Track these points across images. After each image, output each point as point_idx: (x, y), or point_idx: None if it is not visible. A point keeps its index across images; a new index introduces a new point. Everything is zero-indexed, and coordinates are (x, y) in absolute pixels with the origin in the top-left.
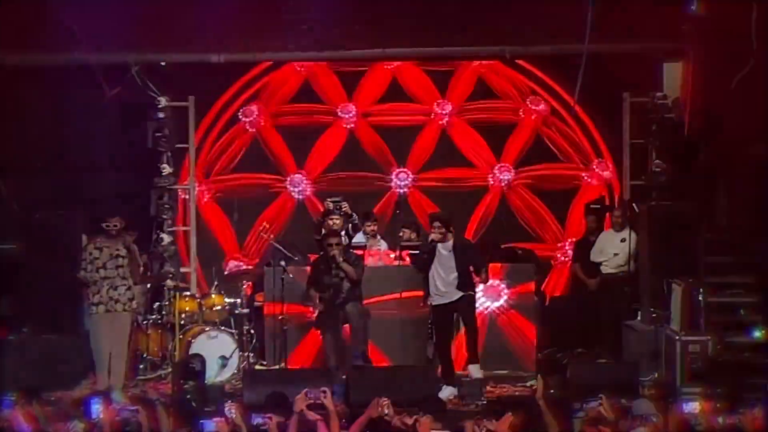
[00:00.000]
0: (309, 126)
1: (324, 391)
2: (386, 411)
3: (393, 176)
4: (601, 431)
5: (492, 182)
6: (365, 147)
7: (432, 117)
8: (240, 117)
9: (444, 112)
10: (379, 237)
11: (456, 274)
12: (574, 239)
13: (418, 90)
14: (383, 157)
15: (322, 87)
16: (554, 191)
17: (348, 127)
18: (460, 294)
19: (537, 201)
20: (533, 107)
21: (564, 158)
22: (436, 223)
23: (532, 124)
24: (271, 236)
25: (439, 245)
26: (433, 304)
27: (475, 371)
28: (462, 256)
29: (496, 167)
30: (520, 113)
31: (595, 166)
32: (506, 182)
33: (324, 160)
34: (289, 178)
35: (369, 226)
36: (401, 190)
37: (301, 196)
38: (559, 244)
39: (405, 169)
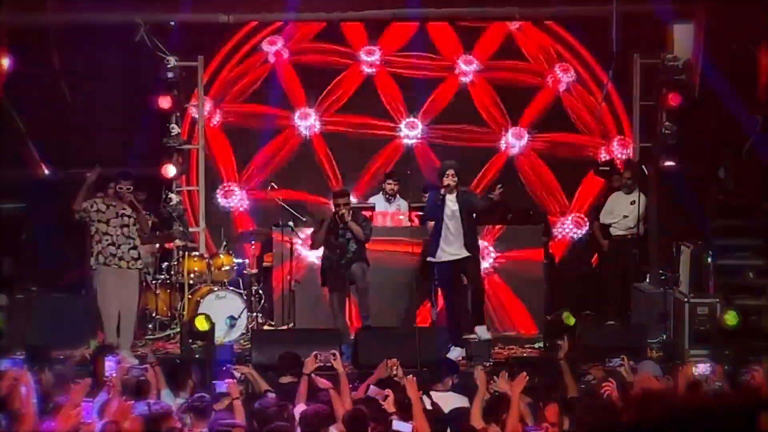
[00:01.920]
0: (327, 67)
1: (333, 354)
2: (395, 372)
3: (402, 125)
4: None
5: (503, 146)
6: (381, 94)
7: (455, 72)
8: (262, 47)
9: (468, 68)
10: (398, 196)
11: (462, 230)
12: (578, 214)
13: (442, 43)
14: (396, 107)
15: (346, 28)
16: (566, 164)
17: (366, 72)
18: (467, 253)
19: (546, 169)
20: (560, 73)
21: (584, 130)
22: (450, 171)
23: (555, 91)
24: (280, 197)
25: (447, 197)
26: (440, 261)
27: (482, 332)
28: (466, 209)
29: (510, 130)
30: (546, 78)
31: (615, 143)
32: (518, 147)
33: (337, 101)
34: (298, 112)
35: (389, 184)
36: (410, 141)
37: (307, 132)
38: (562, 218)
39: (415, 120)
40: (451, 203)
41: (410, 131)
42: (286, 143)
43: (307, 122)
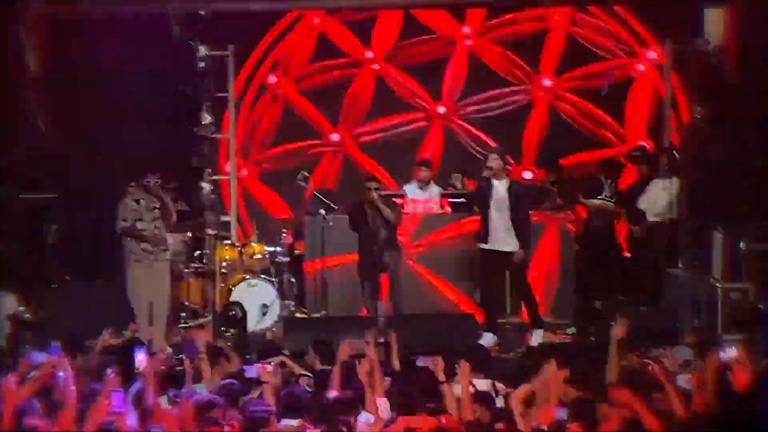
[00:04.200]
0: (334, 84)
1: (368, 342)
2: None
3: (432, 110)
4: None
5: (536, 95)
6: (396, 89)
7: (456, 44)
8: (267, 82)
9: (467, 34)
10: (431, 182)
11: (510, 220)
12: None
13: (434, 20)
14: (417, 96)
15: (337, 39)
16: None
17: (373, 72)
18: (512, 248)
19: (589, 104)
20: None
21: (607, 53)
22: (493, 155)
23: (563, 26)
24: (311, 185)
25: (496, 183)
26: (485, 248)
27: (537, 337)
28: (516, 203)
29: (537, 78)
30: (546, 20)
31: (648, 53)
32: (551, 91)
33: (358, 112)
34: (329, 137)
35: (422, 171)
36: (445, 124)
37: (344, 151)
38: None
39: (443, 102)
40: (500, 189)
41: (444, 113)
42: (330, 168)
43: (342, 141)
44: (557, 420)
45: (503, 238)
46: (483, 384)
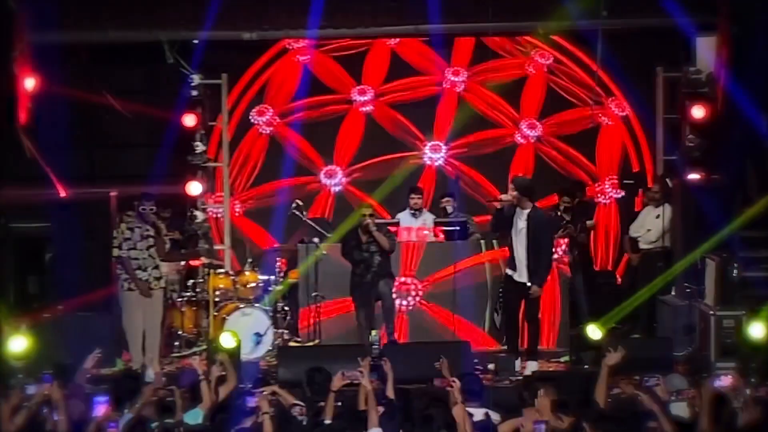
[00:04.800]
0: (322, 119)
1: (361, 371)
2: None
3: (426, 150)
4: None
5: (521, 139)
6: (387, 127)
7: (446, 85)
8: (252, 118)
9: (457, 79)
10: (424, 210)
11: (527, 253)
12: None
13: (422, 62)
14: (408, 134)
15: (326, 76)
16: (577, 136)
17: (364, 111)
18: (526, 281)
19: (567, 147)
20: (540, 60)
21: (578, 102)
22: (511, 185)
23: (543, 75)
24: (304, 213)
25: (518, 211)
26: (508, 274)
27: (531, 366)
28: (533, 233)
29: (522, 123)
30: (528, 67)
31: (611, 104)
32: (535, 137)
33: (350, 149)
34: (323, 172)
35: (413, 199)
36: (437, 163)
37: (338, 188)
38: (598, 183)
39: (437, 142)
40: (520, 220)
41: (435, 154)
42: (326, 205)
43: (335, 180)
44: None
45: (520, 271)
46: (478, 413)
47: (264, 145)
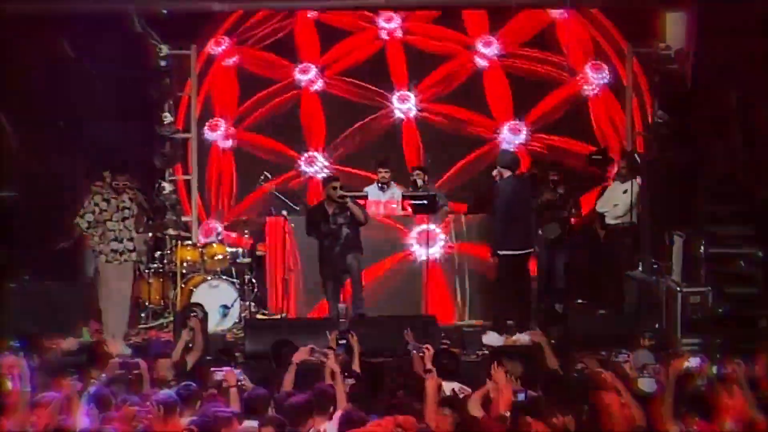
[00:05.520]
0: (277, 112)
1: (327, 353)
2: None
3: (394, 102)
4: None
5: (497, 139)
6: (345, 96)
7: (385, 36)
8: (208, 138)
9: (392, 25)
10: (392, 184)
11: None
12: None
13: (351, 21)
14: (369, 94)
15: (263, 68)
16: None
17: (316, 89)
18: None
19: (559, 139)
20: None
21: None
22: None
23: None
24: (272, 185)
25: (500, 183)
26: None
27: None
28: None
29: (504, 126)
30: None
31: (588, 70)
32: (512, 144)
33: (320, 130)
34: (302, 161)
35: (381, 172)
36: (412, 114)
37: (324, 173)
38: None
39: (402, 92)
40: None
41: (404, 104)
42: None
43: (317, 166)
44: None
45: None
46: (447, 388)
47: (230, 159)
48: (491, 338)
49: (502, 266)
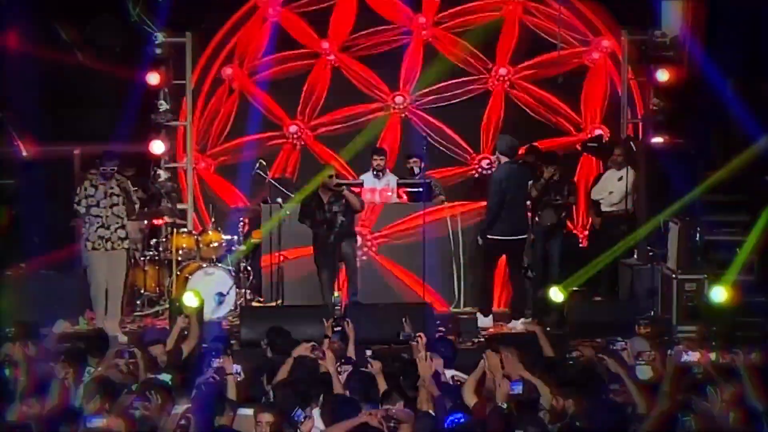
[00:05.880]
0: (291, 75)
1: (323, 352)
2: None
3: (390, 101)
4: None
5: (492, 85)
6: (353, 79)
7: (413, 34)
8: (222, 76)
9: (423, 24)
10: (387, 171)
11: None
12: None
13: (390, 11)
14: (373, 87)
15: (295, 31)
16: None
17: (330, 63)
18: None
19: (545, 93)
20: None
21: (560, 44)
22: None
23: (517, 15)
24: (268, 174)
25: (497, 168)
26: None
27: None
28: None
29: (493, 68)
30: (502, 9)
31: (603, 42)
32: (507, 80)
33: (315, 101)
34: (287, 129)
35: (376, 160)
36: (403, 114)
37: (302, 142)
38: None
39: (400, 92)
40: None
41: (401, 103)
42: (289, 160)
43: (297, 131)
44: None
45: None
46: (446, 375)
47: (234, 101)
48: (484, 321)
49: (488, 250)
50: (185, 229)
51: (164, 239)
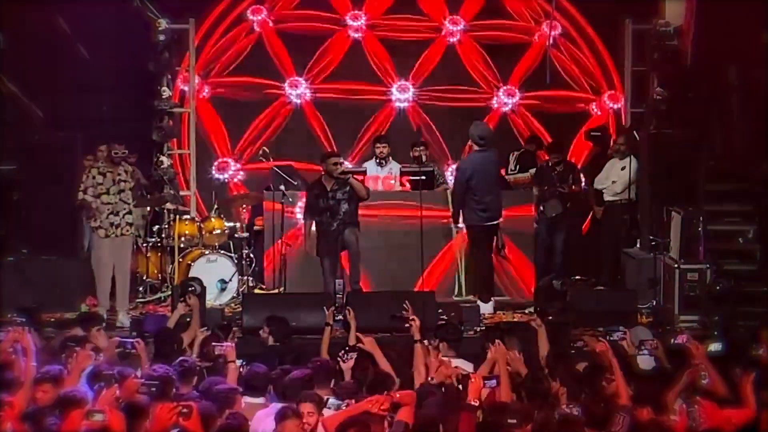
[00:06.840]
0: (313, 34)
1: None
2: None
3: (394, 89)
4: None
5: (495, 104)
6: (370, 58)
7: (442, 33)
8: (247, 15)
9: (455, 28)
10: (390, 159)
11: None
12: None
13: (428, 5)
14: (385, 71)
15: None
16: (559, 116)
17: (353, 37)
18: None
19: (539, 125)
20: (547, 29)
21: (574, 84)
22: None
23: (542, 47)
24: (271, 160)
25: (470, 155)
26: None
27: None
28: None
29: (501, 89)
30: (534, 36)
31: (605, 98)
32: (510, 105)
33: (326, 68)
34: (288, 81)
35: (378, 148)
36: (402, 104)
37: (299, 101)
38: None
39: (406, 82)
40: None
41: (402, 94)
42: (278, 113)
43: (298, 91)
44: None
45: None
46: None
47: (250, 41)
48: (485, 308)
49: (478, 238)
50: (188, 216)
51: (167, 226)
